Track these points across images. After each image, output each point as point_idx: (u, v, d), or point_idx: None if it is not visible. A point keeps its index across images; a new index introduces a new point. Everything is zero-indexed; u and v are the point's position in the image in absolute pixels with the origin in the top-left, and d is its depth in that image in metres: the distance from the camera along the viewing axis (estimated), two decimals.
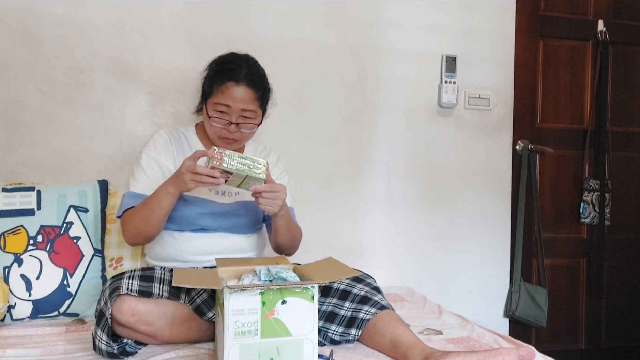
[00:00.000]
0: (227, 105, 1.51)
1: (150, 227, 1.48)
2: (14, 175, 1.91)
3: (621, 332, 2.61)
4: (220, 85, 1.52)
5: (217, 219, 1.57)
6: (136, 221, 1.48)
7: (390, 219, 2.29)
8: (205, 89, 1.59)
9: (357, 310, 1.39)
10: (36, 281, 1.64)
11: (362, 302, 1.40)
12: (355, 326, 1.38)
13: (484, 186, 2.39)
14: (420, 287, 2.25)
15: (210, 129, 1.56)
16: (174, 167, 1.57)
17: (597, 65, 2.54)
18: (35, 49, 1.94)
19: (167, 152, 1.59)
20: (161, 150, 1.59)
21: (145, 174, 1.56)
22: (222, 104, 1.51)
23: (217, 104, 1.52)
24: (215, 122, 1.53)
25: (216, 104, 1.52)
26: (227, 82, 1.51)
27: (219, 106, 1.52)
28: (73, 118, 1.98)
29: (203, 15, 2.08)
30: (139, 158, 1.59)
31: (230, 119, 1.52)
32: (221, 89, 1.52)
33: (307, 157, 2.20)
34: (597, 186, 2.54)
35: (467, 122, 2.37)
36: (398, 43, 2.27)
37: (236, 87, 1.51)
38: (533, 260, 2.48)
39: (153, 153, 1.59)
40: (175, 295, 1.37)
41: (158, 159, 1.58)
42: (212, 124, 1.53)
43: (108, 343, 1.28)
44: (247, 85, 1.52)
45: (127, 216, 1.52)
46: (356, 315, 1.39)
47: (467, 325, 1.62)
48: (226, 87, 1.51)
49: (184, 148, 1.62)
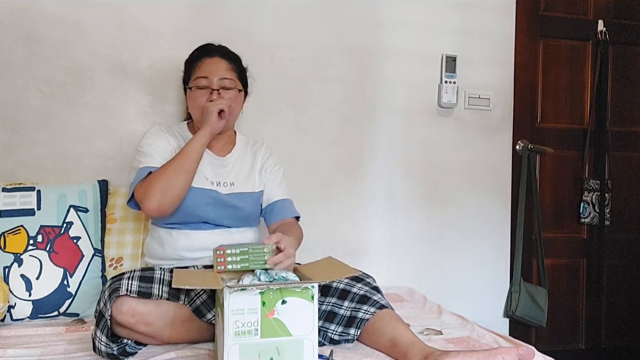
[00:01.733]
0: (205, 77, 1.61)
1: (182, 176, 1.49)
2: (14, 175, 1.91)
3: (621, 332, 2.61)
4: (198, 62, 1.64)
5: (218, 208, 1.58)
6: (164, 178, 1.47)
7: (390, 219, 2.29)
8: (184, 77, 1.70)
9: (356, 309, 1.40)
10: (36, 281, 1.64)
11: (361, 302, 1.40)
12: (354, 326, 1.38)
13: (484, 186, 2.39)
14: (420, 287, 2.25)
15: (195, 107, 1.62)
16: (171, 151, 1.60)
17: (597, 65, 2.54)
18: (35, 49, 1.94)
19: (162, 139, 1.63)
20: (158, 139, 1.62)
21: (150, 155, 1.57)
22: (201, 77, 1.61)
23: (197, 79, 1.62)
24: (199, 95, 1.60)
25: (196, 79, 1.62)
26: (201, 58, 1.64)
27: (199, 80, 1.62)
28: (73, 118, 1.98)
29: (203, 15, 2.08)
30: (139, 148, 1.62)
31: (212, 86, 1.61)
32: (198, 65, 1.64)
33: (307, 157, 2.20)
34: (597, 186, 2.54)
35: (467, 122, 2.37)
36: (398, 43, 2.27)
37: (210, 60, 1.63)
38: (533, 260, 2.48)
39: (151, 140, 1.62)
40: (174, 296, 1.38)
41: (158, 144, 1.61)
42: (195, 97, 1.61)
43: (107, 344, 1.28)
44: (220, 57, 1.65)
45: (148, 182, 1.49)
46: (355, 314, 1.39)
47: (467, 325, 1.63)
48: (202, 62, 1.64)
49: (178, 139, 1.66)
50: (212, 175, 1.63)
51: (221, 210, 1.59)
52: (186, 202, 1.54)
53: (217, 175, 1.64)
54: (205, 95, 1.60)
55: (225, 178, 1.64)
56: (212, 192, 1.59)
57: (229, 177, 1.65)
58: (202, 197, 1.56)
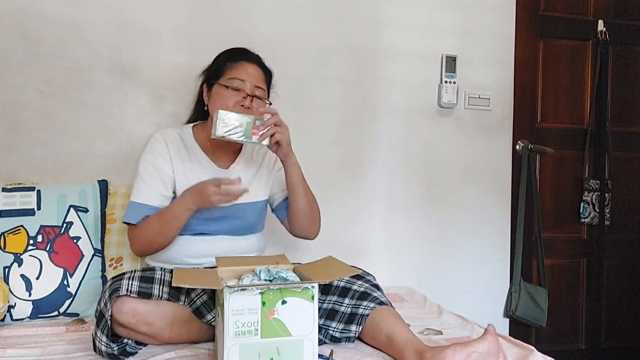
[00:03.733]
0: (242, 80, 1.57)
1: (165, 240, 1.50)
2: (14, 175, 1.91)
3: (621, 332, 2.61)
4: (234, 63, 1.59)
5: (217, 222, 1.57)
6: (149, 235, 1.49)
7: (390, 219, 2.29)
8: (212, 71, 1.63)
9: (356, 306, 1.40)
10: (36, 281, 1.64)
11: (361, 298, 1.41)
12: (355, 322, 1.39)
13: (483, 186, 2.39)
14: (420, 287, 2.25)
15: (222, 106, 1.53)
16: (172, 171, 1.56)
17: (597, 65, 2.53)
18: (35, 49, 1.94)
19: (164, 156, 1.58)
20: (158, 155, 1.57)
21: (145, 183, 1.55)
22: (237, 79, 1.57)
23: (232, 79, 1.57)
24: (230, 95, 1.55)
25: (231, 79, 1.57)
26: (240, 61, 1.60)
27: (234, 81, 1.57)
28: (73, 118, 1.98)
29: (203, 15, 2.08)
30: (138, 165, 1.58)
31: (246, 91, 1.56)
32: (235, 66, 1.59)
33: (307, 157, 2.18)
34: (597, 186, 2.53)
35: (467, 122, 2.37)
36: (398, 43, 2.27)
37: (249, 65, 1.60)
38: (533, 260, 2.48)
39: (150, 158, 1.57)
40: (174, 297, 1.37)
41: (155, 164, 1.56)
42: (225, 95, 1.55)
43: (108, 344, 1.28)
44: (258, 66, 1.62)
45: (136, 230, 1.52)
46: (356, 311, 1.39)
47: (467, 325, 1.63)
48: (240, 64, 1.59)
49: (181, 151, 1.60)
50: None
51: (223, 223, 1.57)
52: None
53: None
54: (236, 97, 1.55)
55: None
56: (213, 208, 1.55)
57: None
58: (203, 213, 1.52)
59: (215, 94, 1.59)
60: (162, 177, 1.56)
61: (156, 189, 1.54)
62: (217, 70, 1.61)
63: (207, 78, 1.65)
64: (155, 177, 1.55)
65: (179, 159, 1.58)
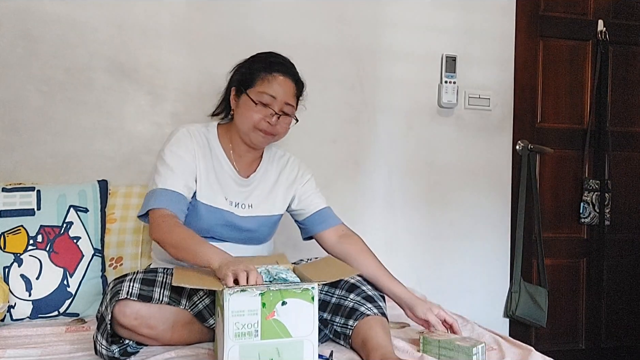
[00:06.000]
0: (273, 96, 1.49)
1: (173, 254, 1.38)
2: (14, 175, 1.91)
3: (621, 332, 2.61)
4: (267, 75, 1.50)
5: (230, 230, 1.53)
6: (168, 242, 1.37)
7: (390, 219, 2.29)
8: (244, 77, 1.54)
9: (359, 303, 1.39)
10: (36, 281, 1.64)
11: (366, 299, 1.41)
12: (353, 317, 1.38)
13: (484, 186, 2.39)
14: (420, 287, 2.24)
15: (248, 119, 1.49)
16: (195, 166, 1.51)
17: (597, 65, 2.53)
18: (35, 48, 1.94)
19: (190, 150, 1.52)
20: (184, 147, 1.52)
21: (172, 171, 1.47)
22: (268, 94, 1.49)
23: (262, 93, 1.49)
24: (258, 111, 1.49)
25: (261, 92, 1.49)
26: (274, 73, 1.51)
27: (264, 96, 1.49)
28: (72, 118, 1.97)
29: (203, 15, 2.08)
30: (162, 155, 1.51)
31: (274, 109, 1.49)
32: (268, 79, 1.50)
33: (307, 156, 2.17)
34: (597, 186, 2.53)
35: (467, 122, 2.36)
36: (398, 43, 2.27)
37: (283, 79, 1.51)
38: (533, 260, 2.48)
39: (176, 149, 1.51)
40: (175, 300, 1.36)
41: (182, 155, 1.50)
42: (253, 109, 1.49)
43: (108, 348, 1.27)
44: (292, 80, 1.54)
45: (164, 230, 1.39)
46: (358, 307, 1.39)
47: (467, 325, 1.62)
48: (274, 77, 1.50)
49: (204, 150, 1.55)
50: (233, 195, 1.55)
51: (234, 232, 1.54)
52: (200, 220, 1.50)
53: (237, 195, 1.56)
54: (264, 112, 1.49)
55: (244, 199, 1.56)
56: (228, 214, 1.52)
57: (248, 198, 1.57)
58: (217, 219, 1.50)
59: (243, 104, 1.52)
60: (189, 168, 1.50)
61: (184, 177, 1.47)
62: (249, 77, 1.53)
63: (237, 82, 1.57)
64: (183, 167, 1.49)
65: (202, 157, 1.53)
